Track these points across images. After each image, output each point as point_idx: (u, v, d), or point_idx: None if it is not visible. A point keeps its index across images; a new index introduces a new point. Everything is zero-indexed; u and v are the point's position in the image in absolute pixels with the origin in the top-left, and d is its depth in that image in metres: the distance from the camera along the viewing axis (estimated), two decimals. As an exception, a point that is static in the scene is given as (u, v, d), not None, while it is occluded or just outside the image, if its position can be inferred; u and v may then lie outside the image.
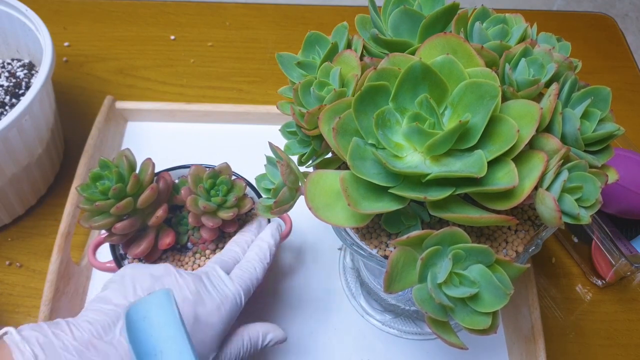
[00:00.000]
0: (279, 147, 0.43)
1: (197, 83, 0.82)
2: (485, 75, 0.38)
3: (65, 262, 0.56)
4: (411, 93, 0.38)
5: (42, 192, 0.67)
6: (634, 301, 0.64)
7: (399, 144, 0.38)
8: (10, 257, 0.63)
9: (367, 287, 0.60)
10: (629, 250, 0.61)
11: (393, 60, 0.40)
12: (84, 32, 0.87)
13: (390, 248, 0.43)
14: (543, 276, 0.65)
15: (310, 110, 0.42)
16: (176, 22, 0.90)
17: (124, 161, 0.48)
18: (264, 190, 0.44)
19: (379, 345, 0.58)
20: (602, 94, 0.41)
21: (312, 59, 0.46)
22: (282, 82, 0.49)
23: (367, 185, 0.38)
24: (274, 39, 0.89)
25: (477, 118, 0.37)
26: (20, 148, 0.59)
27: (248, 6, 0.93)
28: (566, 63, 0.42)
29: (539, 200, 0.37)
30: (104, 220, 0.48)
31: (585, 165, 0.38)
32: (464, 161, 0.37)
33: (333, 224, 0.39)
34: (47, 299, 0.54)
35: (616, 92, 0.46)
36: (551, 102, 0.39)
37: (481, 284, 0.36)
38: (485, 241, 0.43)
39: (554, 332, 0.61)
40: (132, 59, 0.84)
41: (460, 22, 0.43)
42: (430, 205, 0.37)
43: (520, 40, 0.44)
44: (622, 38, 0.93)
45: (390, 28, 0.44)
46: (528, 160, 0.37)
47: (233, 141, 0.73)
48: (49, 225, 0.65)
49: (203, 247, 0.54)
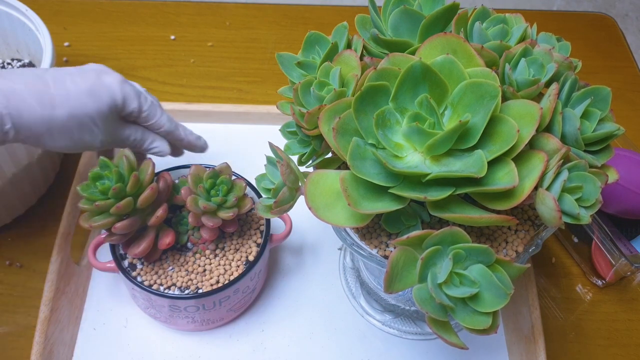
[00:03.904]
0: (279, 147, 0.43)
1: (197, 83, 0.82)
2: (485, 75, 0.38)
3: (65, 262, 0.56)
4: (411, 93, 0.38)
5: (42, 192, 0.67)
6: (634, 301, 0.64)
7: (399, 144, 0.38)
8: (10, 257, 0.63)
9: (367, 287, 0.60)
10: (629, 250, 0.61)
11: (393, 60, 0.40)
12: (84, 32, 0.87)
13: (390, 248, 0.43)
14: (543, 276, 0.65)
15: (310, 110, 0.42)
16: (176, 22, 0.90)
17: (124, 161, 0.48)
18: (264, 190, 0.44)
19: (379, 345, 0.58)
20: (602, 93, 0.41)
21: (312, 59, 0.47)
22: (282, 82, 0.49)
23: (367, 185, 0.38)
24: (274, 39, 0.89)
25: (477, 118, 0.37)
26: (20, 148, 0.59)
27: (248, 6, 0.93)
28: (566, 63, 0.42)
29: (539, 200, 0.37)
30: (104, 220, 0.48)
31: (585, 165, 0.38)
32: (464, 161, 0.37)
33: (333, 224, 0.39)
34: (47, 299, 0.54)
35: (616, 92, 0.46)
36: (551, 102, 0.39)
37: (481, 284, 0.36)
38: (485, 241, 0.43)
39: (554, 332, 0.61)
40: (132, 59, 0.84)
41: (460, 22, 0.43)
42: (430, 205, 0.37)
43: (520, 40, 0.44)
44: (622, 38, 0.93)
45: (390, 28, 0.44)
46: (528, 160, 0.37)
47: (233, 141, 0.73)
48: (49, 225, 0.65)
49: (203, 247, 0.54)
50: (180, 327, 0.57)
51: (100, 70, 0.50)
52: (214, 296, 0.51)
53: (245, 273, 0.52)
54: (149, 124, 0.53)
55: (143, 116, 0.52)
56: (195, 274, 0.53)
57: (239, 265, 0.54)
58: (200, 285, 0.52)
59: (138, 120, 0.53)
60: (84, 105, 0.48)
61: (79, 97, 0.47)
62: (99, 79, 0.49)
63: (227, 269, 0.53)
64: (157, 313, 0.55)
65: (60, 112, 0.46)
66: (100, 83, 0.49)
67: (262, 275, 0.58)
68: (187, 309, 0.52)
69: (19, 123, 0.45)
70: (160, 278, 0.52)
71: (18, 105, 0.44)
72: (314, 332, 0.59)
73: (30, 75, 0.47)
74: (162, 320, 0.56)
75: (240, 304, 0.56)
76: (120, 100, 0.50)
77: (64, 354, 0.55)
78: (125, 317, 0.58)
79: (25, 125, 0.45)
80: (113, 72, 0.51)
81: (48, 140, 0.47)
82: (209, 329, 0.58)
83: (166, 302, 0.52)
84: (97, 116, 0.48)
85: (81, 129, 0.48)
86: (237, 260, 0.54)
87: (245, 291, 0.55)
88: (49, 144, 0.48)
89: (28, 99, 0.45)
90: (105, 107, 0.49)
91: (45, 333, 0.52)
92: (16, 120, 0.45)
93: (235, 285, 0.52)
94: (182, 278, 0.52)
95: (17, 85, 0.45)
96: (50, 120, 0.46)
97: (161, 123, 0.53)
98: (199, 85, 0.82)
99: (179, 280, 0.52)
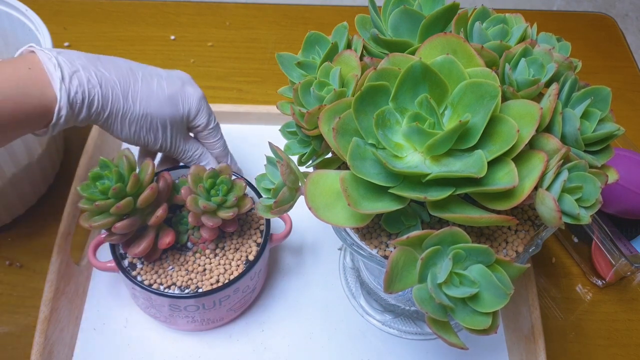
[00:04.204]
0: (279, 147, 0.43)
1: (197, 83, 0.82)
2: (485, 75, 0.38)
3: (65, 262, 0.56)
4: (411, 93, 0.38)
5: (42, 192, 0.67)
6: (634, 301, 0.64)
7: (399, 144, 0.38)
8: (10, 257, 0.63)
9: (367, 287, 0.60)
10: (629, 250, 0.61)
11: (393, 60, 0.40)
12: (84, 32, 0.87)
13: (390, 248, 0.43)
14: (543, 276, 0.65)
15: (310, 110, 0.42)
16: (176, 22, 0.90)
17: (124, 161, 0.48)
18: (264, 190, 0.44)
19: (379, 345, 0.58)
20: (602, 93, 0.41)
21: (312, 59, 0.47)
22: (282, 82, 0.49)
23: (367, 185, 0.38)
24: (274, 39, 0.89)
25: (477, 118, 0.37)
26: (20, 148, 0.59)
27: (248, 6, 0.93)
28: (566, 63, 0.42)
29: (539, 200, 0.37)
30: (104, 220, 0.48)
31: (585, 165, 0.38)
32: (464, 161, 0.37)
33: (333, 224, 0.39)
34: (47, 299, 0.54)
35: (616, 92, 0.46)
36: (551, 102, 0.39)
37: (481, 284, 0.36)
38: (485, 241, 0.43)
39: (554, 332, 0.61)
40: (132, 59, 0.84)
41: (460, 22, 0.43)
42: (430, 205, 0.37)
43: (520, 40, 0.44)
44: (622, 38, 0.93)
45: (390, 28, 0.44)
46: (528, 160, 0.37)
47: (233, 141, 0.73)
48: (49, 225, 0.65)
49: (203, 246, 0.54)
50: (181, 327, 0.57)
51: (187, 80, 0.56)
52: (214, 295, 0.51)
53: (245, 273, 0.52)
54: (208, 142, 0.58)
55: (206, 133, 0.57)
56: (195, 274, 0.53)
57: (239, 265, 0.54)
58: (200, 284, 0.52)
59: (199, 136, 0.58)
60: (161, 109, 0.52)
61: (159, 100, 0.52)
62: (183, 88, 0.54)
63: (227, 268, 0.53)
64: (157, 313, 0.55)
65: (138, 108, 0.51)
66: (183, 92, 0.54)
67: (262, 275, 0.58)
68: (187, 309, 0.52)
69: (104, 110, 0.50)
70: (160, 277, 0.52)
71: (107, 94, 0.49)
72: (314, 332, 0.59)
73: (125, 67, 0.52)
74: (162, 320, 0.56)
75: (240, 303, 0.56)
76: (195, 112, 0.55)
77: (64, 354, 0.55)
78: (125, 317, 0.58)
79: (107, 110, 0.50)
80: (196, 85, 0.56)
81: (117, 127, 0.51)
82: (209, 329, 0.58)
83: (166, 301, 0.52)
84: (169, 121, 0.53)
85: (151, 127, 0.52)
86: (237, 259, 0.54)
87: (245, 291, 0.55)
88: (116, 132, 0.52)
89: (116, 88, 0.50)
90: (179, 115, 0.54)
91: (45, 333, 0.52)
92: (104, 106, 0.49)
93: (235, 284, 0.52)
94: (182, 277, 0.53)
95: (112, 75, 0.50)
96: (128, 113, 0.51)
97: (217, 145, 0.58)
98: (198, 85, 0.82)
99: (179, 280, 0.52)
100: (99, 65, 0.50)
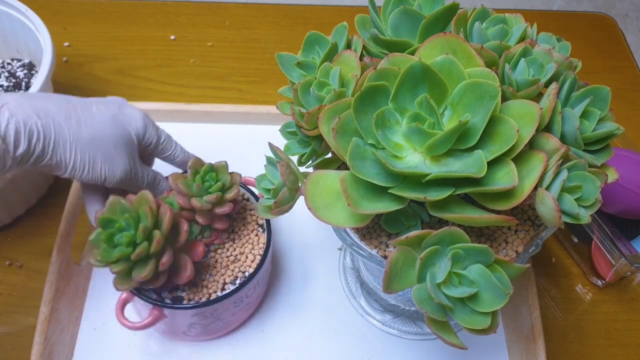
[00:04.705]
0: (279, 148, 0.43)
1: (197, 83, 0.82)
2: (485, 75, 0.38)
3: (65, 262, 0.56)
4: (411, 93, 0.38)
5: (42, 192, 0.68)
6: (634, 301, 0.64)
7: (399, 144, 0.38)
8: (10, 257, 0.63)
9: (367, 287, 0.60)
10: (629, 250, 0.61)
11: (393, 60, 0.40)
12: (84, 32, 0.87)
13: (390, 248, 0.43)
14: (543, 276, 0.65)
15: (310, 111, 0.42)
16: (176, 22, 0.90)
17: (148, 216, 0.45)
18: (264, 191, 0.44)
19: (379, 345, 0.58)
20: (601, 93, 0.41)
21: (312, 59, 0.47)
22: (282, 82, 0.49)
23: (367, 186, 0.38)
24: (274, 39, 0.89)
25: (477, 118, 0.37)
26: (20, 148, 0.59)
27: (248, 6, 0.93)
28: (566, 63, 0.42)
29: (538, 200, 0.37)
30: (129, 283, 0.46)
31: (584, 164, 0.38)
32: (463, 161, 0.37)
33: (333, 224, 0.39)
34: (47, 299, 0.54)
35: (616, 92, 0.46)
36: (550, 102, 0.39)
37: (480, 284, 0.36)
38: (485, 241, 0.43)
39: (554, 332, 0.61)
40: (132, 59, 0.84)
41: (460, 22, 0.43)
42: (430, 206, 0.37)
43: (520, 40, 0.44)
44: (622, 38, 0.93)
45: (390, 28, 0.44)
46: (528, 160, 0.37)
47: (233, 141, 0.73)
48: (49, 225, 0.65)
49: (218, 240, 0.54)
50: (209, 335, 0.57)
51: (122, 103, 0.54)
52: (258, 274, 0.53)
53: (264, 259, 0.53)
54: (166, 155, 0.57)
55: (161, 148, 0.56)
56: (232, 262, 0.54)
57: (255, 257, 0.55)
58: (243, 269, 0.53)
59: (155, 152, 0.56)
60: (107, 130, 0.50)
61: (103, 121, 0.50)
62: (121, 110, 0.52)
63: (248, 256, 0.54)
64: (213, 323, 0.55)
65: (85, 133, 0.48)
66: (122, 112, 0.52)
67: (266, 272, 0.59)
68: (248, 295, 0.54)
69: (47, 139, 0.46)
70: (209, 290, 0.52)
71: (48, 122, 0.46)
72: (314, 332, 0.59)
73: (61, 98, 0.49)
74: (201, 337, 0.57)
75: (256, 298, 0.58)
76: (142, 130, 0.53)
77: (64, 354, 0.55)
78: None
79: (52, 139, 0.46)
80: (134, 106, 0.54)
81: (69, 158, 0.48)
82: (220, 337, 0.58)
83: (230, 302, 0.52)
84: (119, 142, 0.51)
85: (106, 153, 0.50)
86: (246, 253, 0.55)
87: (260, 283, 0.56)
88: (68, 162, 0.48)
89: (57, 117, 0.47)
90: (126, 134, 0.51)
91: (45, 333, 0.52)
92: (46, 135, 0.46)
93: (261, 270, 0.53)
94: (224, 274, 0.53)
95: (49, 105, 0.47)
96: (75, 139, 0.48)
97: (177, 154, 0.57)
98: (198, 85, 0.82)
99: (226, 276, 0.53)
100: (33, 99, 0.47)
